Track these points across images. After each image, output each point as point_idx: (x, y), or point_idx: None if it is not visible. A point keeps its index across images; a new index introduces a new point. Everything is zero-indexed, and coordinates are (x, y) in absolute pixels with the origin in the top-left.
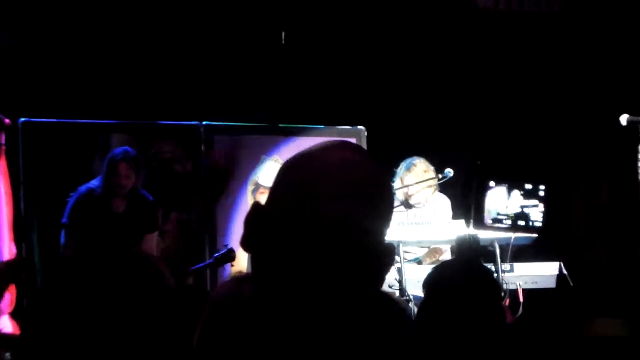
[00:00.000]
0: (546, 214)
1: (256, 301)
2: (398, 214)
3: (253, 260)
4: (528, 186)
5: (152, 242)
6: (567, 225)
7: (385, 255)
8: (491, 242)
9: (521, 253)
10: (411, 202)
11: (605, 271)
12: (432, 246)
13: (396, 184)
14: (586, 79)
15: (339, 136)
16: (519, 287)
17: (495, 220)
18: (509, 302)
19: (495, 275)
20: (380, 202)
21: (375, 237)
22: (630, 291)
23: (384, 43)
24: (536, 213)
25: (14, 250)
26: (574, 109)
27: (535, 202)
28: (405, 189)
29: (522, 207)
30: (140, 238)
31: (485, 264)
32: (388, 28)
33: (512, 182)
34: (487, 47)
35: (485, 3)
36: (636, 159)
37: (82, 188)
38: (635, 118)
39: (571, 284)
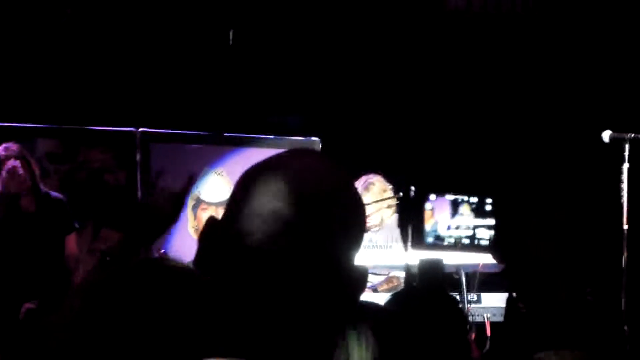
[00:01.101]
0: (497, 231)
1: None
2: None
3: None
4: (473, 199)
5: (73, 244)
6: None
7: (360, 280)
8: (456, 269)
9: (490, 281)
10: (369, 223)
11: (563, 304)
12: (391, 273)
13: None
14: (563, 85)
15: (292, 147)
16: (486, 320)
17: (438, 239)
18: (475, 336)
19: (460, 305)
20: (354, 218)
21: (349, 259)
22: (582, 323)
23: (343, 45)
24: (483, 230)
25: None
26: (553, 119)
27: (482, 217)
28: None
29: (469, 223)
30: (60, 240)
31: (449, 293)
32: (348, 28)
33: (457, 195)
34: (451, 50)
35: (457, 3)
36: (620, 180)
37: None
38: (619, 135)
39: (522, 310)
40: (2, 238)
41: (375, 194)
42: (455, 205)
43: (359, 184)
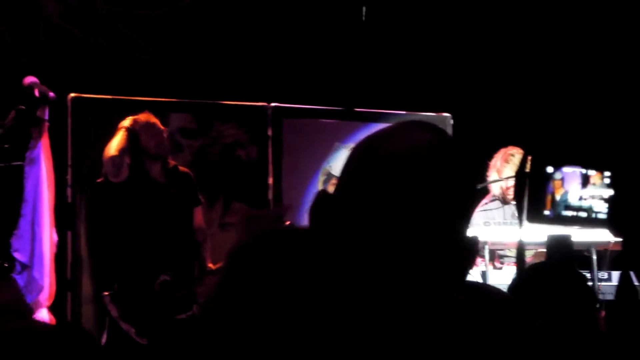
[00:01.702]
0: (615, 205)
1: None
2: (494, 211)
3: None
4: (591, 172)
5: (200, 218)
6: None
7: (469, 250)
8: (587, 247)
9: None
10: (509, 196)
11: None
12: (539, 249)
13: (492, 176)
14: None
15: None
16: None
17: (558, 214)
18: (605, 315)
19: (590, 283)
20: (463, 191)
21: (458, 230)
22: None
23: (469, 24)
24: (600, 203)
25: (55, 238)
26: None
27: (600, 191)
28: (502, 183)
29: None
30: (189, 213)
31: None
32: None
33: (575, 167)
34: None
35: None
36: None
37: None
38: None
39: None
40: (135, 203)
41: (516, 165)
42: (585, 176)
43: (498, 156)
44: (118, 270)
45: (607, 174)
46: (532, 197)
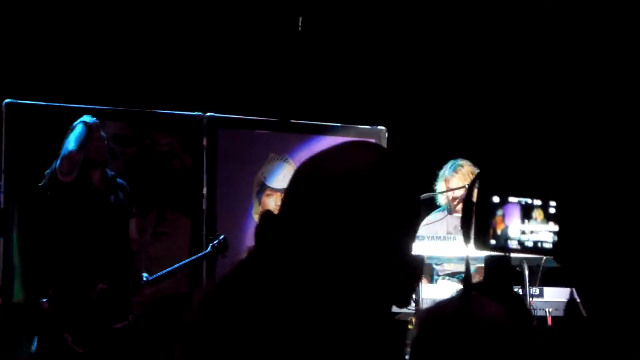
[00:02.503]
0: (561, 235)
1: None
2: (436, 224)
3: (266, 278)
4: (537, 202)
5: (134, 229)
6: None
7: (414, 268)
8: (519, 262)
9: (552, 276)
10: (456, 208)
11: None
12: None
13: (439, 186)
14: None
15: (358, 136)
16: (548, 314)
17: (503, 241)
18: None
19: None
20: (408, 210)
21: (402, 247)
22: None
23: (406, 35)
24: (545, 233)
25: None
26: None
27: (544, 221)
28: (448, 193)
29: (542, 228)
30: (125, 223)
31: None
32: (412, 19)
33: (525, 198)
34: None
35: None
36: None
37: None
38: None
39: (584, 314)
40: (77, 207)
41: (465, 177)
42: (526, 209)
43: (446, 167)
44: (55, 277)
45: (553, 203)
46: (478, 226)
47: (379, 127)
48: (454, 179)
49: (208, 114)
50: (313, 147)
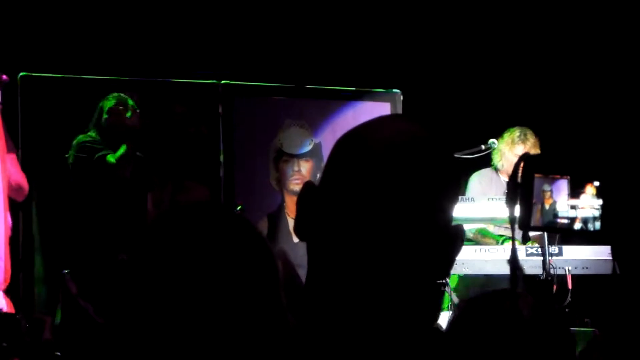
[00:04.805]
0: (605, 214)
1: (311, 298)
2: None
3: (310, 250)
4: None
5: (150, 201)
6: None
7: (457, 237)
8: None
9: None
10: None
11: None
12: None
13: (502, 147)
14: None
15: (372, 100)
16: (567, 273)
17: (550, 222)
18: (557, 289)
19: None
20: (450, 178)
21: (446, 217)
22: None
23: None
24: (592, 213)
25: (9, 221)
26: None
27: (591, 201)
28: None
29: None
30: (145, 195)
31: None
32: None
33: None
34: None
35: None
36: None
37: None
38: None
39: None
40: (94, 182)
41: (532, 145)
42: (575, 185)
43: (515, 132)
44: (76, 249)
45: (597, 184)
46: (523, 205)
47: (394, 91)
48: (521, 147)
49: (223, 81)
50: (329, 111)
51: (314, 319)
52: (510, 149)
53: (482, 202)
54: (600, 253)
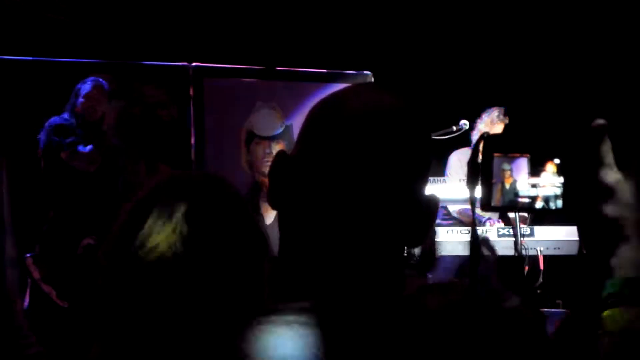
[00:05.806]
0: (566, 192)
1: (285, 264)
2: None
3: (282, 219)
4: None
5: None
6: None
7: (430, 206)
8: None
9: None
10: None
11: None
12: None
13: (482, 126)
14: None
15: (343, 82)
16: (539, 253)
17: (511, 201)
18: (528, 269)
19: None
20: (424, 149)
21: (419, 186)
22: None
23: None
24: (550, 190)
25: None
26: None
27: (552, 179)
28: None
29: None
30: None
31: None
32: None
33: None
34: None
35: None
36: None
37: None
38: None
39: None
40: (63, 165)
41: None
42: (535, 163)
43: (494, 111)
44: (41, 232)
45: (557, 161)
46: (483, 186)
47: (365, 72)
48: (500, 126)
49: (194, 64)
50: (300, 93)
51: (285, 289)
52: (491, 128)
53: (461, 183)
54: (572, 234)
